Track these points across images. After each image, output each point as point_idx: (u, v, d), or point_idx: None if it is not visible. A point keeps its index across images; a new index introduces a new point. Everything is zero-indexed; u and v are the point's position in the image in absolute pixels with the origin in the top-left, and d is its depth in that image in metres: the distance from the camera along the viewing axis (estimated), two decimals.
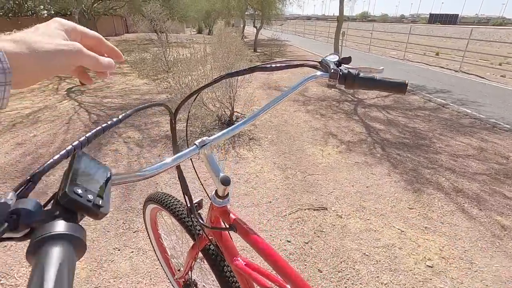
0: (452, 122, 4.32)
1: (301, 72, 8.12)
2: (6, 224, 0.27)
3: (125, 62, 8.10)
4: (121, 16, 20.98)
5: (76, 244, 0.28)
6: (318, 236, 1.94)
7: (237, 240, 0.72)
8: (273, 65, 0.75)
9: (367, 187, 2.59)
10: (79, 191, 0.32)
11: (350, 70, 0.64)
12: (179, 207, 0.97)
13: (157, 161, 0.57)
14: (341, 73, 0.64)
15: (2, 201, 0.28)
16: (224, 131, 0.67)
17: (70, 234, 0.28)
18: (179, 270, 1.18)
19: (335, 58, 0.68)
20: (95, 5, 14.57)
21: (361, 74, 0.64)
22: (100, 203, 0.33)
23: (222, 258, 0.81)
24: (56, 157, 0.37)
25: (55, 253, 0.25)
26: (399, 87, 0.62)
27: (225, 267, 0.81)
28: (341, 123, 4.15)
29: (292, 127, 3.94)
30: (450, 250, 1.89)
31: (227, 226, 0.69)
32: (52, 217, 0.29)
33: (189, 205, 0.77)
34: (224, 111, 3.73)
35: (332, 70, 0.65)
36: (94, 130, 0.44)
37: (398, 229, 2.07)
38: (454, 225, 2.13)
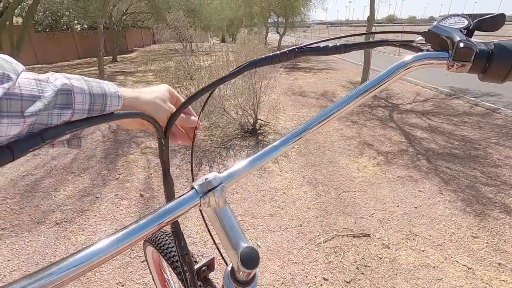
0: (508, 130, 3.74)
1: (326, 77, 7.73)
2: None
3: (149, 70, 8.18)
4: (149, 28, 21.75)
5: None
6: (362, 273, 1.57)
7: None
8: (330, 45, 0.45)
9: (415, 207, 2.18)
10: None
11: (501, 43, 0.32)
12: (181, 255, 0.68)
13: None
14: (478, 49, 0.32)
15: None
16: (248, 160, 0.37)
17: None
18: None
19: (461, 22, 0.37)
20: (123, 17, 15.17)
21: None
22: None
23: None
24: None
25: None
26: None
27: None
28: (376, 131, 3.73)
29: (322, 136, 3.58)
30: None
31: None
32: None
33: (188, 275, 0.47)
34: (247, 119, 3.46)
35: (461, 44, 0.33)
36: None
37: (464, 265, 1.65)
38: None
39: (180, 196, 0.33)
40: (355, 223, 1.99)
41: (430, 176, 2.62)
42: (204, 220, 0.48)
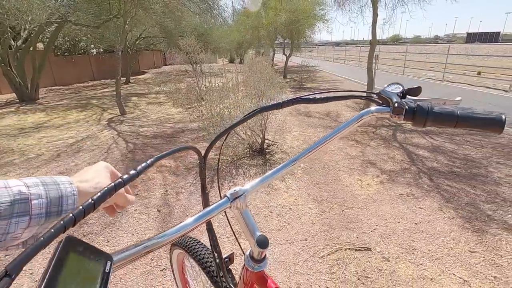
0: (510, 149, 3.84)
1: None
2: None
3: (162, 92, 8.59)
4: (160, 50, 22.80)
5: None
6: (363, 283, 1.69)
7: None
8: (317, 97, 0.64)
9: (415, 224, 2.29)
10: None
11: (420, 104, 0.51)
12: (208, 256, 0.86)
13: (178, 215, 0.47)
14: (407, 107, 0.52)
15: None
16: (261, 178, 0.56)
17: None
18: None
19: (397, 88, 0.56)
20: (137, 42, 15.99)
21: (436, 108, 0.50)
22: None
23: None
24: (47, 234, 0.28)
25: None
26: (492, 125, 0.47)
27: None
28: (380, 150, 3.88)
29: (326, 155, 3.75)
30: None
31: None
32: None
33: (218, 263, 0.65)
34: (256, 139, 3.66)
35: (396, 104, 0.52)
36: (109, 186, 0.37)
37: (460, 277, 1.75)
38: None
39: (218, 201, 0.52)
40: (357, 237, 2.12)
41: (431, 193, 2.74)
42: (228, 220, 0.67)
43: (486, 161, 3.46)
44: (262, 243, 0.51)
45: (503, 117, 0.47)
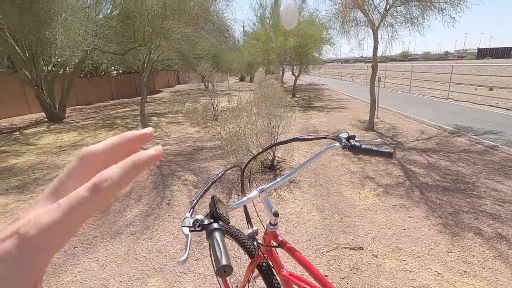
0: (500, 166, 4.20)
1: (338, 115, 8.45)
2: (196, 226, 0.68)
3: (179, 112, 9.28)
4: (174, 70, 24.11)
5: (221, 231, 0.68)
6: (354, 273, 2.12)
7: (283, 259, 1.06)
8: (307, 137, 1.15)
9: (404, 229, 2.71)
10: (219, 211, 0.73)
11: (355, 143, 1.01)
12: (239, 234, 1.34)
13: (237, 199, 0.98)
14: (350, 144, 1.02)
15: (197, 217, 0.70)
16: (276, 180, 1.06)
17: (220, 228, 0.68)
18: (236, 286, 1.51)
19: (346, 134, 1.06)
20: (154, 64, 17.10)
21: (363, 146, 1.00)
22: (227, 217, 0.74)
23: (272, 272, 1.14)
24: (199, 195, 0.80)
25: (217, 234, 0.65)
26: (388, 155, 0.97)
27: (274, 279, 1.14)
28: (379, 166, 4.31)
29: (330, 171, 4.20)
30: None
31: (277, 244, 1.05)
32: (211, 222, 0.71)
33: (251, 231, 1.15)
34: (267, 156, 4.17)
35: (344, 143, 1.02)
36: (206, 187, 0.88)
37: (435, 271, 2.16)
38: (496, 270, 2.14)
39: (252, 192, 1.02)
40: (352, 239, 2.55)
41: (420, 205, 3.15)
42: (254, 205, 1.16)
43: (476, 176, 3.84)
44: (276, 213, 1.01)
45: (392, 150, 0.97)
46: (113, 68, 18.45)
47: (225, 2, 8.15)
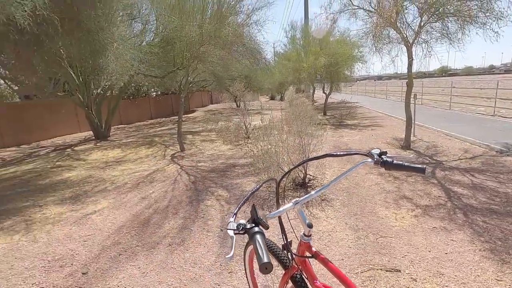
0: None
1: (371, 133, 8.24)
2: (239, 229, 0.78)
3: (212, 130, 9.67)
4: (208, 90, 25.34)
5: (262, 233, 0.77)
6: None
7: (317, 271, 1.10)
8: (339, 153, 1.21)
9: (445, 253, 2.55)
10: (259, 217, 0.82)
11: (387, 159, 1.05)
12: (273, 245, 1.41)
13: (272, 210, 1.06)
14: (381, 160, 1.06)
15: (240, 222, 0.80)
16: (310, 193, 1.13)
17: (261, 231, 0.77)
18: None
19: (378, 151, 1.11)
20: (190, 85, 18.14)
21: (394, 161, 1.04)
22: (266, 222, 0.83)
23: (306, 283, 1.19)
24: (240, 203, 0.90)
25: (259, 237, 0.74)
26: (420, 171, 1.00)
27: None
28: (417, 186, 4.12)
29: (364, 189, 4.10)
30: None
31: (311, 255, 1.10)
32: (253, 226, 0.80)
33: (285, 242, 1.21)
34: (298, 174, 4.19)
35: (376, 159, 1.07)
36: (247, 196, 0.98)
37: None
38: None
39: (287, 203, 1.09)
40: (388, 261, 2.46)
41: (464, 228, 2.95)
42: (288, 218, 1.23)
43: None
44: (310, 225, 1.07)
45: (425, 167, 1.00)
46: (153, 89, 19.91)
47: (257, 27, 8.51)
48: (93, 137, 10.63)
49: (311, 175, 4.40)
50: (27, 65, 6.58)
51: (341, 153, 1.19)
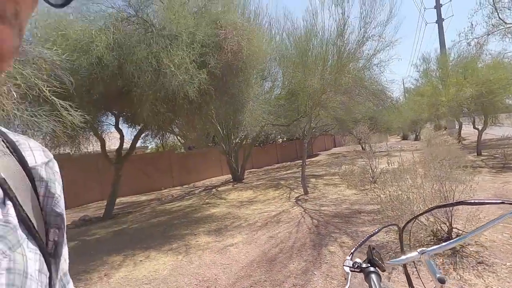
0: None
1: None
2: (355, 267, 0.87)
3: (336, 174, 9.53)
4: (330, 134, 25.43)
5: (378, 274, 0.83)
6: None
7: None
8: (477, 201, 1.09)
9: None
10: (375, 258, 0.89)
11: None
12: None
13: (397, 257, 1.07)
14: None
15: (357, 260, 0.90)
16: (440, 245, 1.06)
17: (376, 272, 0.83)
18: None
19: None
20: (313, 130, 18.85)
21: None
22: (383, 264, 0.88)
23: None
24: (358, 244, 0.98)
25: (374, 276, 0.81)
26: None
27: None
28: None
29: None
30: None
31: None
32: (368, 266, 0.87)
33: None
34: (440, 226, 3.54)
35: None
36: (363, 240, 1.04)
37: None
38: None
39: (411, 252, 1.06)
40: None
41: None
42: (415, 267, 1.16)
43: None
44: (442, 280, 0.99)
45: None
46: (279, 136, 21.88)
47: (379, 70, 8.26)
48: (231, 179, 12.50)
49: (459, 229, 3.61)
50: (191, 125, 8.80)
51: (480, 201, 1.07)
